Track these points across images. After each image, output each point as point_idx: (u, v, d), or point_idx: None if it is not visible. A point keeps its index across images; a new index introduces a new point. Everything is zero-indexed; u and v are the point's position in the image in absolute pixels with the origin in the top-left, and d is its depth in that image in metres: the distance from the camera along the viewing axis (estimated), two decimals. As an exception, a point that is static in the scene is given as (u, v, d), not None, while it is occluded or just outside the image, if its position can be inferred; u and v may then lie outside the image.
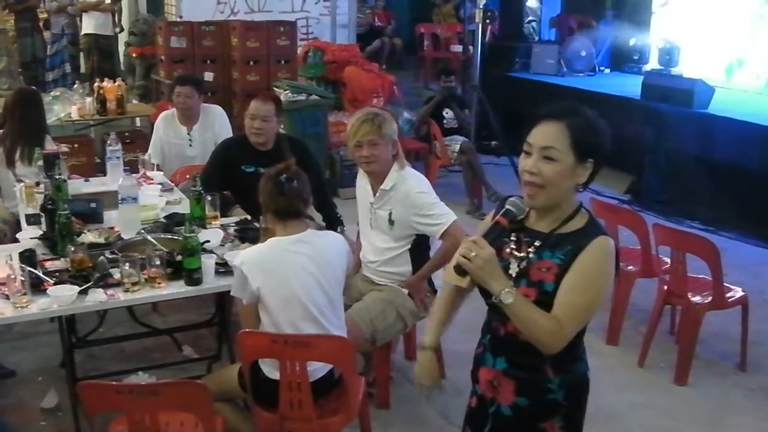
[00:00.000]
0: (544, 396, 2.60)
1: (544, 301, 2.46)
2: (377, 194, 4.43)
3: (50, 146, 5.67)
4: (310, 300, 3.56)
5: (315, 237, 3.68)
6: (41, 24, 12.55)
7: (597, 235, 2.48)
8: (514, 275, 2.55)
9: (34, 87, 6.94)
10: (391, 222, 4.41)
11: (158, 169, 5.96)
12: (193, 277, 3.90)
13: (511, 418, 2.66)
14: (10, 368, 4.93)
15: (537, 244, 2.54)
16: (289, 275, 3.54)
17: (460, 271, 2.44)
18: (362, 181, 4.61)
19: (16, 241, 4.48)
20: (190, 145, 6.34)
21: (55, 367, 4.86)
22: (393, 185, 4.37)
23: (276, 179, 3.57)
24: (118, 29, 11.56)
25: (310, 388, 3.52)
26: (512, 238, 2.60)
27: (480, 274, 2.41)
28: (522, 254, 2.56)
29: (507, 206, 2.54)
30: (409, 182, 4.38)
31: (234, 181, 5.24)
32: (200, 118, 6.36)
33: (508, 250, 2.59)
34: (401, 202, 4.36)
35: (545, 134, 2.45)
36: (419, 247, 4.48)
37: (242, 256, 3.64)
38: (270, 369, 3.59)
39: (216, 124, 6.36)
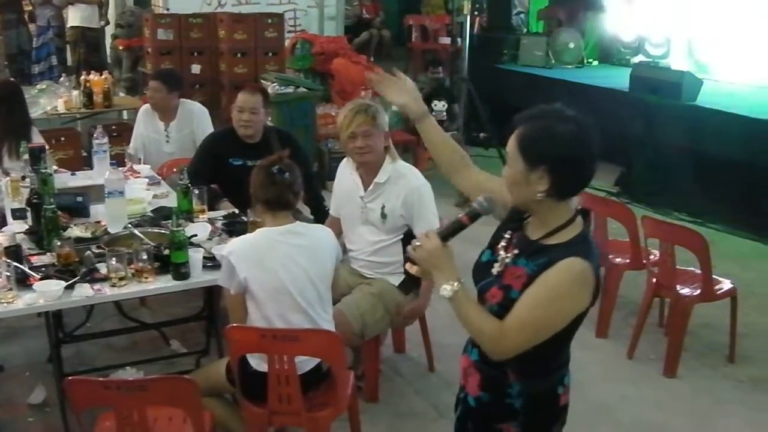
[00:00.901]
0: (503, 399, 2.58)
1: (508, 306, 2.42)
2: (371, 188, 4.41)
3: (37, 138, 5.64)
4: (299, 292, 3.54)
5: (305, 229, 3.68)
6: (26, 16, 12.48)
7: (574, 254, 2.37)
8: (495, 273, 2.53)
9: (12, 79, 6.88)
10: (383, 215, 4.39)
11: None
12: (180, 271, 3.87)
13: (474, 409, 2.67)
14: (-3, 363, 4.91)
15: (516, 251, 2.50)
16: (277, 266, 3.53)
17: (411, 260, 2.48)
18: (347, 174, 4.57)
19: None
20: (167, 141, 6.29)
21: (42, 362, 4.83)
22: (387, 178, 4.36)
23: (268, 170, 3.57)
24: (103, 22, 11.50)
25: (299, 381, 3.51)
26: (506, 235, 2.58)
27: (424, 264, 2.44)
28: (504, 255, 2.54)
29: (473, 204, 2.49)
30: (407, 175, 4.40)
31: (222, 175, 5.21)
32: (178, 115, 6.30)
33: (499, 246, 2.58)
34: (398, 194, 4.34)
35: (509, 140, 2.47)
36: (411, 237, 4.44)
37: (230, 246, 3.65)
38: (258, 362, 3.58)
39: (194, 122, 6.29)
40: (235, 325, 3.55)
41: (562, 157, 2.37)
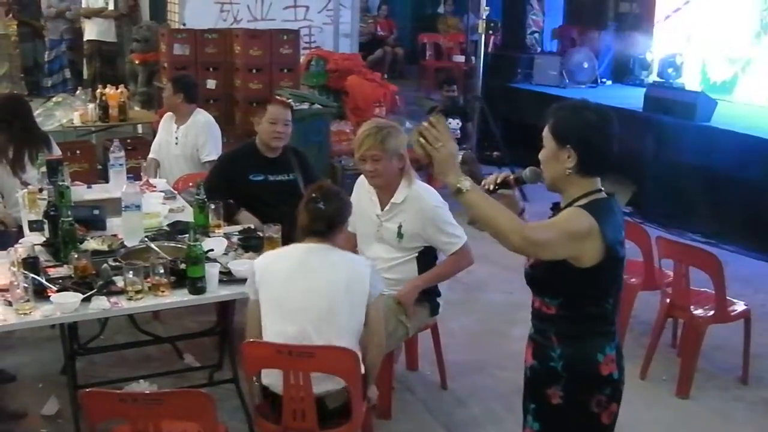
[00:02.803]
0: (548, 362, 2.90)
1: (536, 265, 2.87)
2: (387, 207, 4.42)
3: (56, 150, 5.72)
4: (297, 312, 3.56)
5: (329, 252, 3.65)
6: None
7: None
8: None
9: (16, 92, 6.96)
10: (400, 235, 4.39)
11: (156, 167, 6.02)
12: (196, 285, 3.89)
13: (530, 378, 3.01)
14: (10, 373, 4.91)
15: None
16: (286, 279, 3.60)
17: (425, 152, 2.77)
18: (365, 192, 4.57)
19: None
20: (176, 143, 6.40)
21: (55, 374, 4.85)
22: (404, 198, 4.37)
23: (309, 196, 3.65)
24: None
25: (314, 398, 3.52)
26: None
27: (442, 165, 2.75)
28: None
29: (525, 170, 2.98)
30: (424, 196, 4.38)
31: (241, 190, 5.22)
32: (189, 121, 6.41)
33: None
34: (416, 215, 4.35)
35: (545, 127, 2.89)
36: (426, 255, 4.48)
37: (261, 255, 3.84)
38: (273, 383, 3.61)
39: (197, 131, 6.39)
40: (251, 340, 3.58)
41: (584, 137, 2.80)
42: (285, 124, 5.28)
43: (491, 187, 3.01)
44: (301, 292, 3.56)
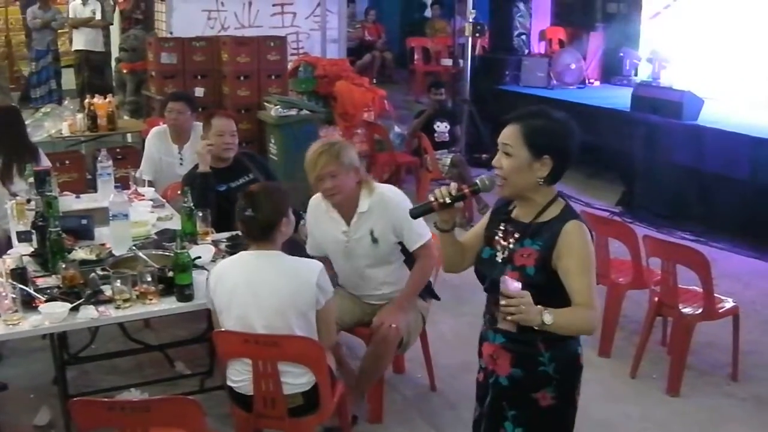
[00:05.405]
0: (536, 368, 2.92)
1: (527, 282, 2.78)
2: (354, 219, 4.36)
3: (45, 161, 5.71)
4: (243, 319, 3.63)
5: (275, 261, 3.69)
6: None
7: (569, 219, 2.85)
8: (500, 261, 2.94)
9: (12, 105, 6.95)
10: (374, 240, 4.36)
11: (150, 185, 5.95)
12: (184, 293, 3.91)
13: (508, 387, 2.99)
14: (1, 382, 4.91)
15: (516, 235, 2.91)
16: (232, 288, 3.66)
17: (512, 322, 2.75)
18: (322, 213, 4.48)
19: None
20: (181, 164, 6.29)
21: (47, 384, 4.84)
22: (369, 206, 4.32)
23: (239, 204, 3.68)
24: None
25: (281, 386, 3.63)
26: (501, 227, 2.98)
27: (529, 317, 2.69)
28: (506, 243, 2.94)
29: (477, 180, 2.95)
30: (388, 195, 4.36)
31: (215, 204, 5.20)
32: (191, 137, 6.32)
33: (496, 239, 2.98)
34: (384, 213, 4.33)
35: (505, 133, 2.89)
36: (412, 257, 4.48)
37: (216, 264, 3.90)
38: (240, 384, 3.73)
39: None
40: (220, 330, 3.71)
41: (563, 147, 2.85)
42: (232, 135, 5.36)
43: (447, 200, 2.92)
44: (245, 303, 3.62)
